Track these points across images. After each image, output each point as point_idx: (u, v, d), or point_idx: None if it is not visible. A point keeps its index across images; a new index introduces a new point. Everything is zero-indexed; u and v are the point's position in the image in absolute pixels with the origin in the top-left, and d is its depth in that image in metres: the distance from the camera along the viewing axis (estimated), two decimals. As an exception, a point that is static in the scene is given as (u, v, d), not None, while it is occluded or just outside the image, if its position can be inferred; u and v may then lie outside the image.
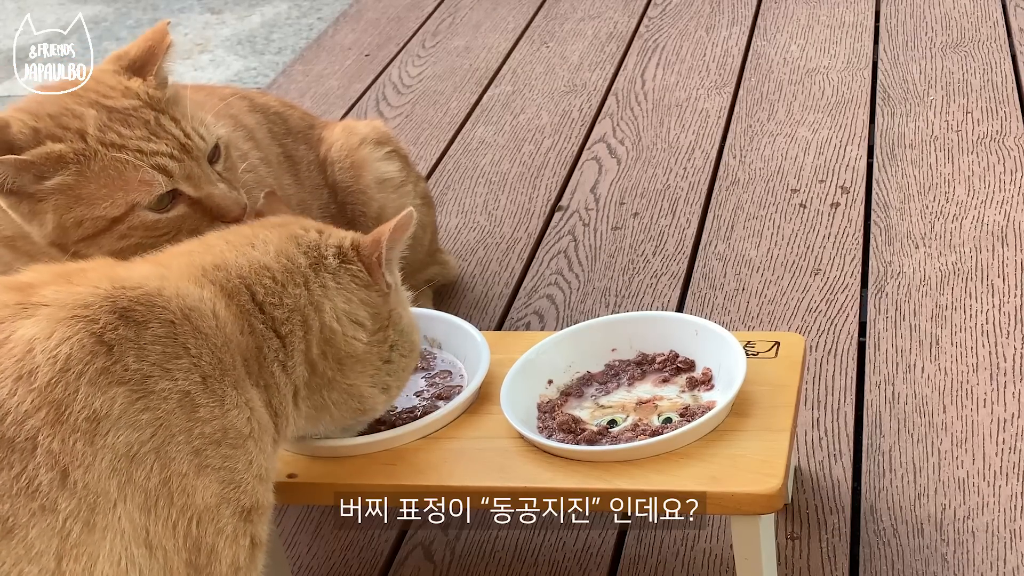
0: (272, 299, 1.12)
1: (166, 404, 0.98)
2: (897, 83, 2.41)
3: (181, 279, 1.07)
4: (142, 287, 1.02)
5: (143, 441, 0.95)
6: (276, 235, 1.18)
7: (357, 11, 3.26)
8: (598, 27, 2.89)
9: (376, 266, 1.18)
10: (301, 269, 1.15)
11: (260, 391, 1.09)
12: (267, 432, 1.08)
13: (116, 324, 0.97)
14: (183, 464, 0.98)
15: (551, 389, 1.33)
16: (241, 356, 1.07)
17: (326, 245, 1.18)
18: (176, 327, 1.01)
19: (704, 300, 1.83)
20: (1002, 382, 1.57)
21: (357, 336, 1.16)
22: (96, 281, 1.01)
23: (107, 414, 0.94)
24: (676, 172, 2.21)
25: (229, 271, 1.12)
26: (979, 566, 1.32)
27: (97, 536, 0.92)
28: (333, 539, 1.48)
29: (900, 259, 1.86)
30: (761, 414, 1.23)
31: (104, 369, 0.95)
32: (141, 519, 0.95)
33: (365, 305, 1.18)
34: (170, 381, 0.98)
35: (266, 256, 1.14)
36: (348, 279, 1.17)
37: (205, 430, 1.00)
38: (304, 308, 1.13)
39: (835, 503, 1.42)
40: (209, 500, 0.99)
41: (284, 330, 1.12)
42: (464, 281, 1.97)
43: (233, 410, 1.03)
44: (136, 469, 0.95)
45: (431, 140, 2.46)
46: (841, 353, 1.67)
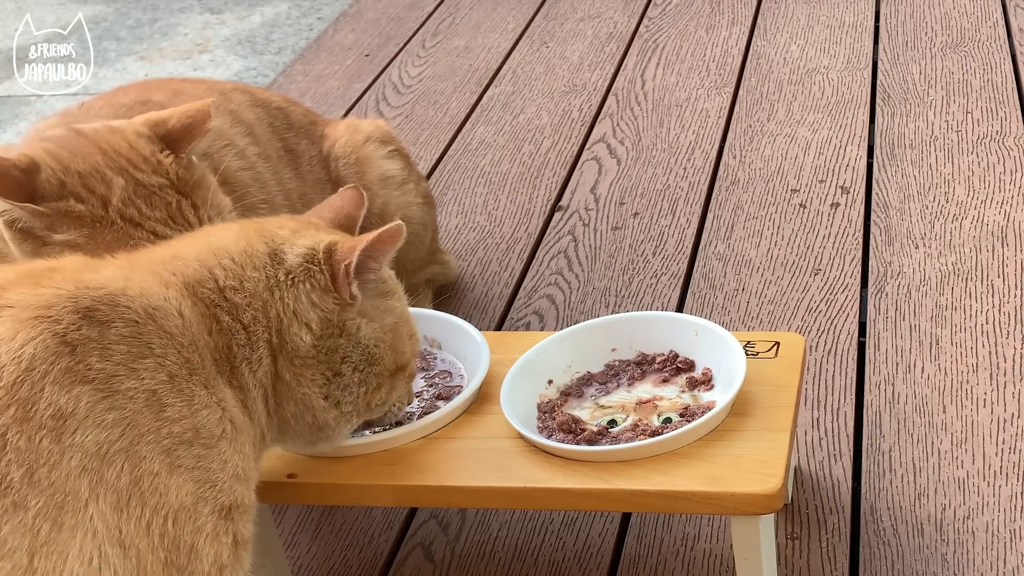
0: (232, 282, 1.10)
1: (133, 403, 0.98)
2: (897, 83, 2.41)
3: (146, 279, 1.07)
4: (105, 287, 1.02)
5: (112, 440, 0.96)
6: (238, 226, 1.18)
7: (357, 11, 3.26)
8: (598, 27, 2.89)
9: (341, 275, 1.13)
10: (259, 254, 1.13)
11: (235, 391, 1.09)
12: (243, 433, 1.07)
13: (79, 324, 0.98)
14: (154, 463, 0.98)
15: (551, 389, 1.33)
16: (211, 356, 1.07)
17: (293, 243, 1.15)
18: (140, 326, 1.01)
19: (704, 300, 1.83)
20: (1002, 382, 1.57)
21: (302, 336, 1.13)
22: (61, 282, 1.02)
23: (73, 412, 0.95)
24: (676, 172, 2.21)
25: (187, 258, 1.11)
26: (979, 566, 1.32)
27: (65, 535, 0.92)
28: (333, 539, 1.48)
29: (900, 259, 1.86)
30: (761, 414, 1.23)
31: (68, 368, 0.96)
32: (114, 518, 0.95)
33: (315, 308, 1.13)
34: (136, 380, 0.99)
35: (224, 240, 1.14)
36: (305, 278, 1.13)
37: (174, 429, 1.00)
38: (263, 293, 1.11)
39: (835, 503, 1.42)
40: (184, 499, 0.99)
41: (247, 317, 1.10)
42: (464, 281, 1.97)
43: (203, 410, 1.03)
44: (107, 468, 0.95)
45: (431, 140, 2.47)
46: (841, 353, 1.67)
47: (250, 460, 1.08)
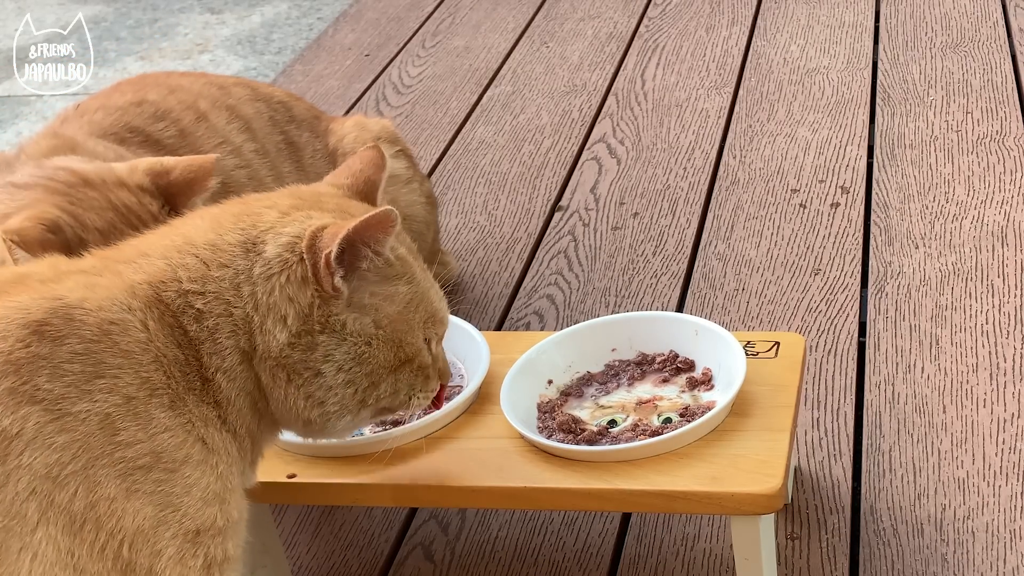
0: (195, 286, 1.02)
1: (85, 426, 0.93)
2: (897, 83, 2.41)
3: (112, 288, 1.00)
4: (62, 299, 0.97)
5: (63, 463, 0.92)
6: (220, 208, 1.09)
7: (357, 11, 3.26)
8: (598, 27, 2.89)
9: (322, 266, 1.02)
10: (228, 246, 1.03)
11: (210, 408, 1.02)
12: (217, 452, 1.01)
13: (28, 340, 0.93)
14: (110, 488, 0.94)
15: (551, 389, 1.33)
16: (180, 371, 1.00)
17: (275, 230, 1.04)
18: (94, 344, 0.95)
19: (704, 300, 1.83)
20: (1002, 382, 1.57)
21: (275, 333, 1.03)
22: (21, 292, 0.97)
23: (19, 434, 0.91)
24: (676, 172, 2.21)
25: (154, 256, 1.03)
26: (979, 566, 1.32)
27: (12, 558, 0.89)
28: (333, 539, 1.48)
29: (900, 259, 1.86)
30: (761, 414, 1.23)
31: (11, 389, 0.91)
32: (66, 542, 0.92)
33: (292, 302, 1.03)
34: (88, 402, 0.93)
35: (195, 231, 1.05)
36: (281, 268, 1.03)
37: (127, 454, 0.95)
38: (226, 295, 1.02)
39: (835, 503, 1.42)
40: (142, 523, 0.95)
41: (210, 323, 1.02)
42: (464, 281, 1.97)
43: (162, 433, 0.97)
44: (59, 491, 0.92)
45: (431, 140, 2.46)
46: (841, 353, 1.67)
47: (229, 479, 1.02)
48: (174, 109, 1.54)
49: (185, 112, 1.55)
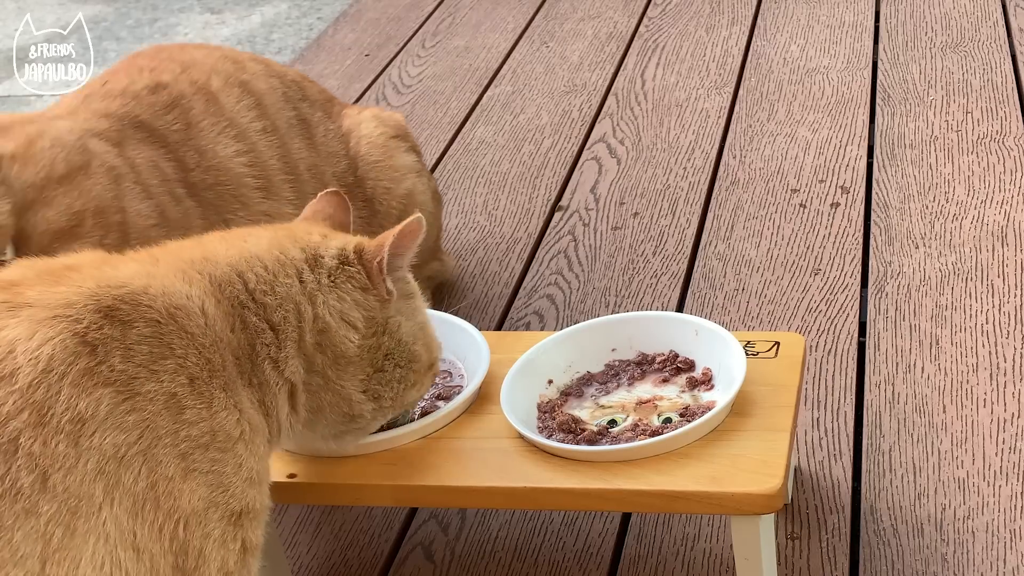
0: (263, 287, 1.10)
1: (152, 406, 0.96)
2: (897, 83, 2.41)
3: (168, 277, 1.05)
4: (127, 286, 1.01)
5: (130, 443, 0.94)
6: (272, 232, 1.18)
7: (357, 11, 3.26)
8: (598, 27, 2.89)
9: (376, 271, 1.16)
10: (294, 261, 1.13)
11: (253, 390, 1.08)
12: (259, 434, 1.06)
13: (100, 323, 0.96)
14: (169, 468, 0.96)
15: (551, 389, 1.33)
16: (232, 355, 1.06)
17: (326, 246, 1.16)
18: (161, 326, 1.00)
19: (704, 300, 1.83)
20: (1002, 382, 1.57)
21: (349, 336, 1.14)
22: (81, 280, 1.00)
23: (93, 415, 0.93)
24: (676, 172, 2.21)
25: (218, 262, 1.10)
26: (979, 566, 1.32)
27: (78, 540, 0.91)
28: (333, 539, 1.48)
29: (900, 259, 1.86)
30: (761, 414, 1.23)
31: (88, 370, 0.94)
32: (129, 523, 0.94)
33: (359, 307, 1.15)
34: (156, 383, 0.97)
35: (258, 248, 1.13)
36: (344, 279, 1.15)
37: (192, 432, 0.98)
38: (296, 297, 1.11)
39: (835, 503, 1.42)
40: (196, 504, 0.98)
41: (277, 317, 1.10)
42: (464, 281, 1.97)
43: (221, 412, 1.01)
44: (125, 472, 0.94)
45: (431, 140, 2.46)
46: (841, 353, 1.67)
47: (264, 461, 1.07)
48: (186, 94, 1.56)
49: (196, 96, 1.57)
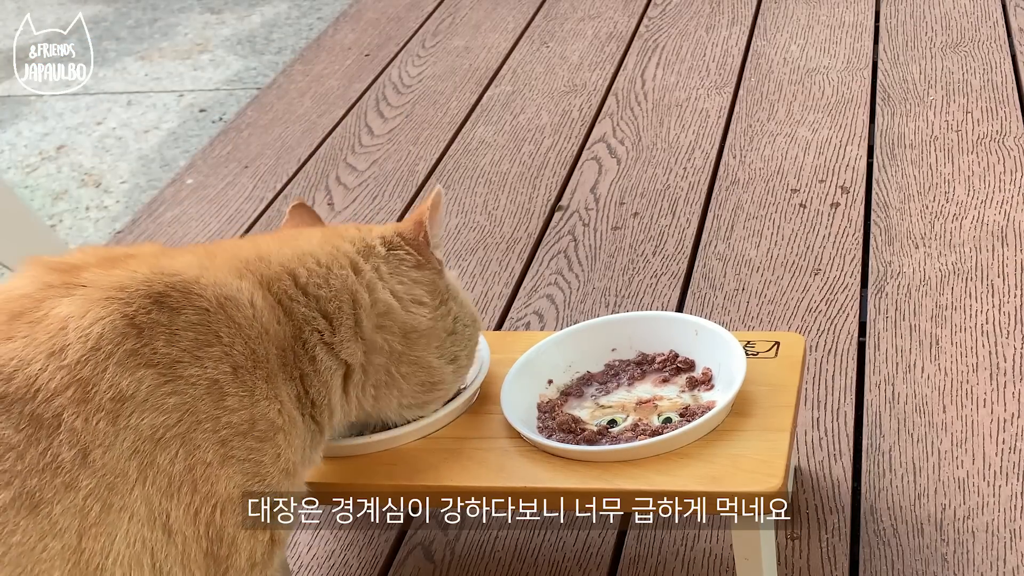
0: (316, 280, 1.13)
1: (194, 390, 0.98)
2: (897, 83, 2.41)
3: (221, 270, 1.08)
4: (180, 274, 1.03)
5: (169, 425, 0.96)
6: (320, 231, 1.22)
7: (357, 11, 3.26)
8: (598, 27, 2.89)
9: (424, 246, 1.22)
10: (348, 254, 1.17)
11: (294, 384, 1.09)
12: (296, 427, 1.08)
13: (149, 308, 0.98)
14: (208, 452, 0.98)
15: (551, 389, 1.33)
16: (276, 347, 1.07)
17: (371, 237, 1.21)
18: (210, 315, 1.02)
19: (704, 300, 1.83)
20: (1002, 382, 1.57)
21: (420, 312, 1.19)
22: (137, 266, 1.03)
23: (133, 395, 0.95)
24: (676, 172, 2.21)
25: (271, 261, 1.13)
26: (979, 566, 1.32)
27: (114, 516, 0.93)
28: (333, 539, 1.48)
29: (900, 259, 1.86)
30: (761, 414, 1.23)
31: (133, 351, 0.96)
32: (163, 503, 0.95)
33: (420, 284, 1.20)
34: (199, 368, 0.99)
35: (311, 244, 1.17)
36: (398, 263, 1.20)
37: (232, 419, 1.00)
38: (353, 286, 1.15)
39: (835, 503, 1.42)
40: (232, 491, 0.99)
41: (331, 308, 1.13)
42: (464, 281, 1.97)
43: (263, 401, 1.03)
44: (160, 453, 0.95)
45: (431, 140, 2.46)
46: (841, 353, 1.67)
47: (300, 454, 1.08)
48: None
49: None
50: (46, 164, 2.78)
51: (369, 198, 2.27)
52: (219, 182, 2.42)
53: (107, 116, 3.00)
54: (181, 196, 2.40)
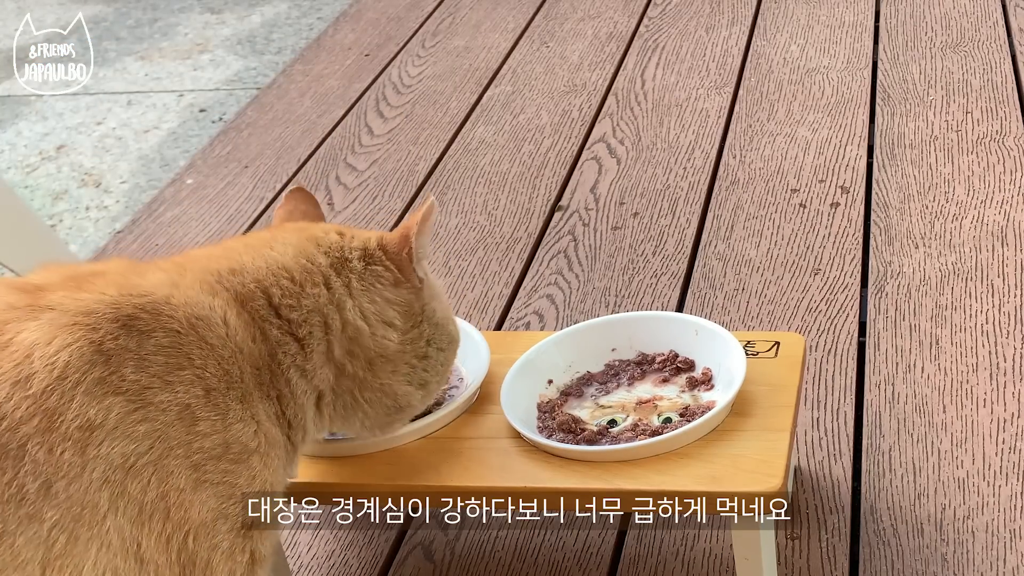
0: (289, 300, 1.10)
1: (165, 416, 0.96)
2: (897, 83, 2.41)
3: (193, 287, 1.05)
4: (150, 295, 1.01)
5: (140, 453, 0.94)
6: (296, 237, 1.17)
7: (357, 11, 3.26)
8: (598, 27, 2.89)
9: (407, 263, 1.16)
10: (321, 269, 1.13)
11: (271, 403, 1.07)
12: (275, 447, 1.06)
13: (117, 333, 0.96)
14: (180, 479, 0.96)
15: (551, 389, 1.33)
16: (251, 366, 1.05)
17: (349, 248, 1.15)
18: (181, 337, 0.99)
19: (704, 300, 1.83)
20: (1002, 382, 1.57)
21: (388, 336, 1.14)
22: (104, 287, 1.00)
23: (102, 424, 0.93)
24: (676, 172, 2.21)
25: (245, 275, 1.10)
26: (979, 566, 1.32)
27: (80, 548, 0.91)
28: (333, 539, 1.48)
29: (900, 259, 1.86)
30: (761, 414, 1.23)
31: (101, 379, 0.94)
32: (133, 532, 0.93)
33: (393, 304, 1.15)
34: (170, 393, 0.97)
35: (285, 257, 1.12)
36: (373, 279, 1.15)
37: (205, 444, 0.98)
38: (324, 308, 1.11)
39: (835, 503, 1.42)
40: (205, 515, 0.97)
41: (302, 332, 1.10)
42: (464, 281, 1.97)
43: (237, 424, 1.01)
44: (132, 481, 0.93)
45: (431, 140, 2.46)
46: (841, 353, 1.67)
47: (278, 473, 1.06)
48: None
49: None
50: (46, 164, 2.78)
51: (369, 198, 2.27)
52: (219, 182, 2.43)
53: (107, 116, 3.00)
54: (181, 196, 2.40)
